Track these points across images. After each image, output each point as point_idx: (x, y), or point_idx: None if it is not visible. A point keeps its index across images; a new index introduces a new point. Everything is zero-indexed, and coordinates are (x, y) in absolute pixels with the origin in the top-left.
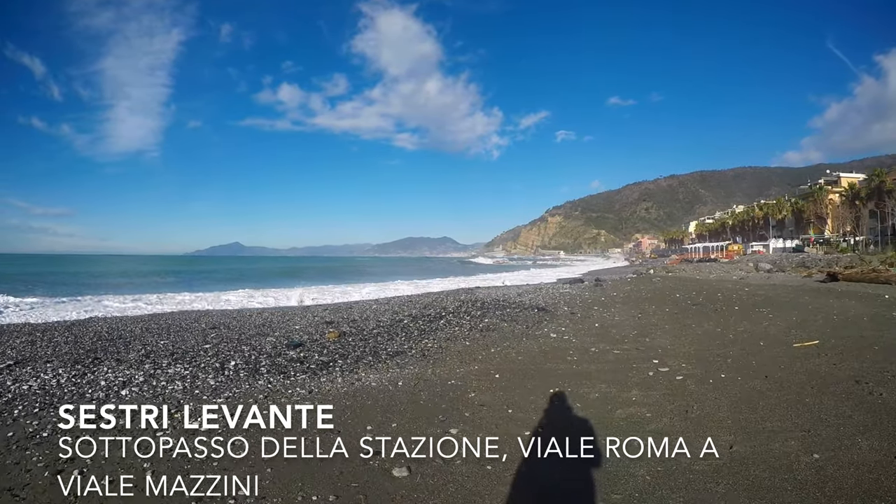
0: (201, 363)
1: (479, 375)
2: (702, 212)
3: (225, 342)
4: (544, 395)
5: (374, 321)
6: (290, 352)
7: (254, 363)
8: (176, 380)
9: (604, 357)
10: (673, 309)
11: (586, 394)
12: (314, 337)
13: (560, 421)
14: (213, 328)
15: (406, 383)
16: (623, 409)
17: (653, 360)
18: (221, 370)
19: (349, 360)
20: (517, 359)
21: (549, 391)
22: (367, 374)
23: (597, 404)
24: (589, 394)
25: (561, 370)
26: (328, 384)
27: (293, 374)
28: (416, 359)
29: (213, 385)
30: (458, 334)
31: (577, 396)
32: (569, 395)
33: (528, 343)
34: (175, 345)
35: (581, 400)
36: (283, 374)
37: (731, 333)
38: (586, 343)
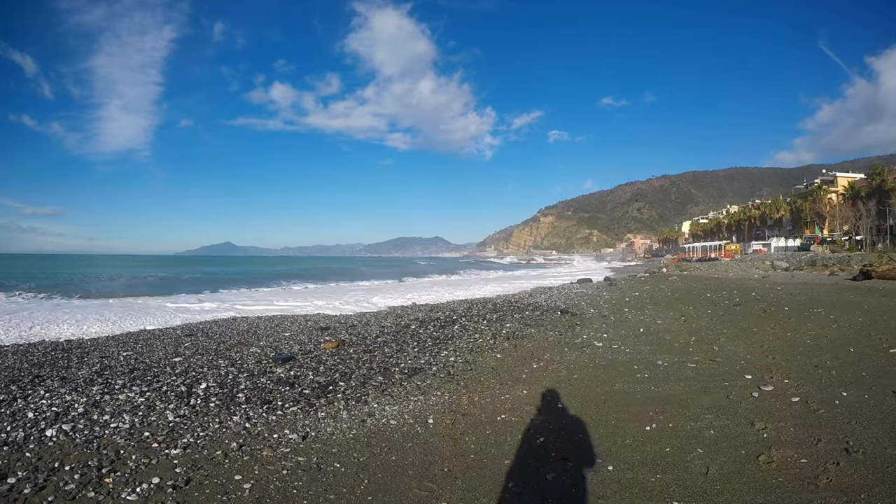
0: (164, 385)
1: (534, 403)
2: (694, 212)
3: (199, 354)
4: (644, 437)
5: (376, 327)
6: (278, 368)
7: (230, 386)
8: (125, 411)
9: (680, 372)
10: (715, 310)
11: (698, 432)
12: (307, 347)
13: None
14: (188, 335)
15: (439, 420)
16: (766, 454)
17: (745, 376)
18: (187, 396)
19: (354, 382)
20: (572, 378)
21: (647, 428)
22: (379, 403)
23: (727, 450)
24: (702, 431)
25: (638, 393)
26: (329, 423)
27: (280, 406)
28: (441, 379)
29: (171, 422)
30: (482, 344)
31: (688, 437)
32: (677, 435)
33: (574, 355)
34: (139, 357)
35: (700, 443)
36: (267, 403)
37: (806, 338)
38: (644, 353)
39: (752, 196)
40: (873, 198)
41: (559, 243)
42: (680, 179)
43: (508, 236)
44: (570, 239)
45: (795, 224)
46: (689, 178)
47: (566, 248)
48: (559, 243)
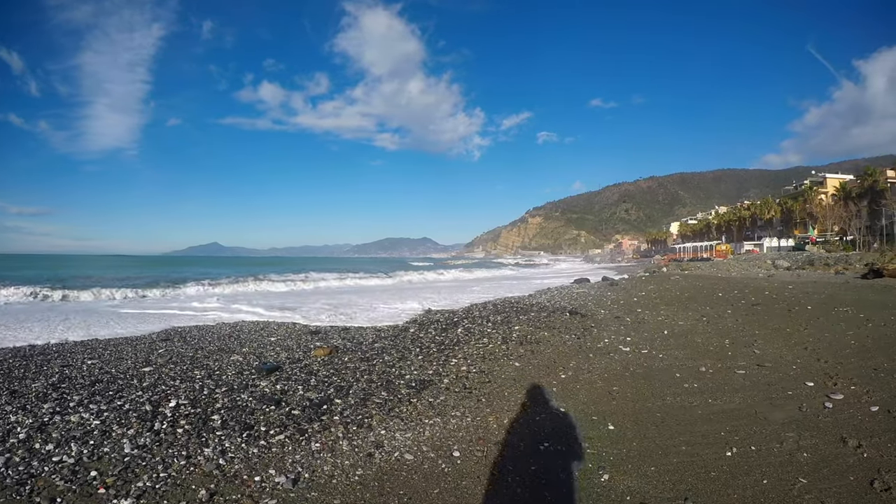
0: (127, 402)
1: (578, 425)
2: (681, 213)
3: (173, 363)
4: (729, 466)
5: (371, 331)
6: (262, 381)
7: (205, 404)
8: (74, 438)
9: (731, 380)
10: (736, 310)
11: (789, 455)
12: (296, 355)
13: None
14: (164, 340)
15: (467, 452)
16: (879, 479)
17: (805, 382)
18: (152, 419)
19: (352, 399)
20: (611, 390)
21: (727, 454)
22: (387, 428)
23: (832, 477)
24: (794, 454)
25: (697, 408)
26: (326, 458)
27: (264, 432)
28: (457, 394)
29: (126, 455)
30: (493, 350)
31: (781, 463)
32: (767, 461)
33: (602, 361)
34: (104, 367)
35: (799, 470)
36: (247, 429)
37: (848, 339)
38: (680, 359)
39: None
40: (865, 198)
41: (547, 244)
42: (667, 181)
43: (496, 237)
44: (558, 240)
45: (786, 224)
46: (676, 180)
47: (554, 249)
48: (547, 244)
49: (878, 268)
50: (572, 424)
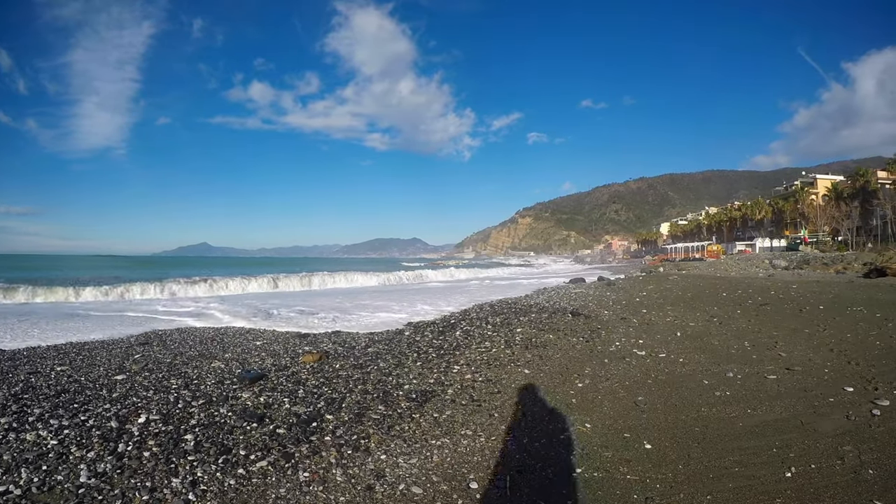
0: (92, 417)
1: (613, 447)
2: (671, 214)
3: (149, 370)
4: (799, 493)
5: (364, 334)
6: (244, 392)
7: (178, 420)
8: (26, 462)
9: (763, 386)
10: (745, 311)
11: (854, 473)
12: (282, 361)
13: None
14: (142, 344)
15: (487, 484)
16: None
17: (843, 388)
18: (116, 438)
19: (346, 414)
20: (636, 400)
21: (787, 475)
22: (388, 452)
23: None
24: (858, 471)
25: (738, 420)
26: (318, 494)
27: (244, 457)
28: (464, 408)
29: (81, 487)
30: (498, 355)
31: (847, 484)
32: (833, 482)
33: (620, 367)
34: (74, 374)
35: (871, 491)
36: (225, 453)
37: (872, 339)
38: (703, 363)
39: (728, 198)
40: (856, 199)
41: (537, 244)
42: (657, 182)
43: (486, 237)
44: (547, 240)
45: (777, 225)
46: (666, 181)
47: (544, 250)
48: (537, 244)
49: (882, 267)
50: (604, 444)
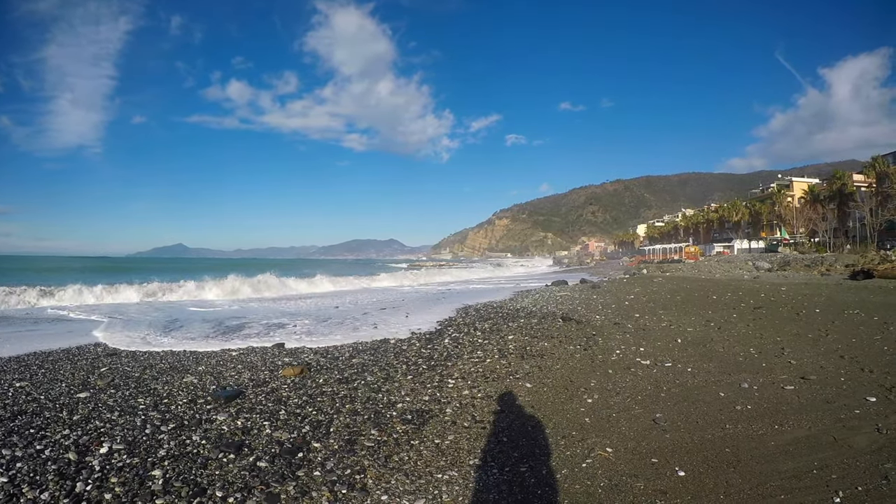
0: (49, 445)
1: (644, 476)
2: (647, 215)
3: (115, 386)
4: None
5: (347, 344)
6: (220, 414)
7: (144, 452)
8: None
9: (783, 398)
10: (741, 315)
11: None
12: (261, 375)
13: None
14: (110, 355)
15: None
16: None
17: (865, 398)
18: (75, 475)
19: (335, 440)
20: (655, 417)
21: (835, 500)
22: (390, 491)
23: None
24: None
25: (768, 438)
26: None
27: (221, 500)
28: (467, 430)
29: None
30: (493, 366)
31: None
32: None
33: (627, 379)
34: (33, 391)
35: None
36: (198, 497)
37: (878, 344)
38: (713, 373)
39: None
40: (833, 201)
41: (514, 246)
42: (634, 184)
43: (463, 239)
44: (525, 241)
45: (754, 227)
46: (642, 183)
47: (521, 251)
48: (514, 246)
49: (868, 269)
50: (633, 473)
